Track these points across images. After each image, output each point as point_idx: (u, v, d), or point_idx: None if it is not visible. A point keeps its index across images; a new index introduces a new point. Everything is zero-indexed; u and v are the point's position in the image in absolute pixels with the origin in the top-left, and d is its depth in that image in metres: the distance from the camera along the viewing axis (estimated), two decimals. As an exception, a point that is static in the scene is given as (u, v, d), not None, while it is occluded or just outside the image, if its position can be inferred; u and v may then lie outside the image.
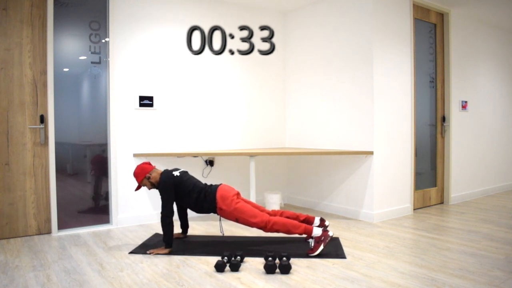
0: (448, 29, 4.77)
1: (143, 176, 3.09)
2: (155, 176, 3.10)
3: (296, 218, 3.19)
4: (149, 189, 3.15)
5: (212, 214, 4.34)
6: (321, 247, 2.84)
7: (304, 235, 3.20)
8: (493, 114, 5.55)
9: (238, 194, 3.08)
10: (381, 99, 3.95)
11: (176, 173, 3.08)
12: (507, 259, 2.76)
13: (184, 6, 4.22)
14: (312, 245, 2.88)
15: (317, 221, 3.24)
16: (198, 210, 3.07)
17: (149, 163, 3.17)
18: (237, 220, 2.98)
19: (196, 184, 3.08)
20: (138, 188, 3.15)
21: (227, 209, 2.96)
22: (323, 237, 2.86)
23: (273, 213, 3.14)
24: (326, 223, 3.25)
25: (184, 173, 3.14)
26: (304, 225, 2.90)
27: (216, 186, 3.07)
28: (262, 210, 3.13)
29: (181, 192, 3.04)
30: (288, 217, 3.17)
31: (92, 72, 3.77)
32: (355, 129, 4.08)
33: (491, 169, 5.52)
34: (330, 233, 2.86)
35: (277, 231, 2.91)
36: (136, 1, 3.93)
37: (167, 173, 3.04)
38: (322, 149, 4.33)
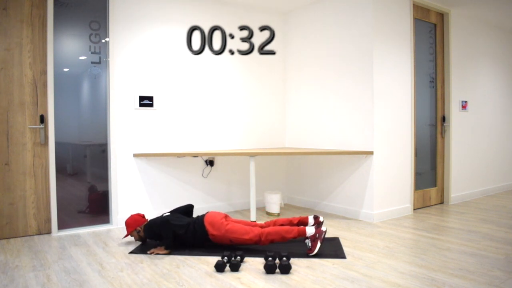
0: (448, 29, 4.77)
1: (133, 228, 3.20)
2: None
3: (289, 223, 3.19)
4: (136, 240, 3.26)
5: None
6: (319, 244, 2.85)
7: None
8: (493, 114, 5.55)
9: (226, 216, 3.11)
10: (381, 99, 3.95)
11: (165, 214, 3.18)
12: (507, 259, 2.76)
13: (184, 6, 4.22)
14: (310, 244, 2.88)
15: (311, 220, 3.23)
16: (194, 243, 3.09)
17: (142, 216, 3.26)
18: (231, 241, 2.98)
19: (183, 219, 3.10)
20: (126, 236, 3.22)
21: (219, 233, 2.97)
22: (317, 234, 2.87)
23: (266, 225, 3.16)
24: (321, 219, 3.23)
25: (172, 212, 3.24)
26: (296, 228, 2.91)
27: (203, 216, 3.09)
28: (254, 225, 3.14)
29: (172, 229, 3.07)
30: (281, 225, 3.16)
31: (92, 72, 3.77)
32: (355, 129, 4.08)
33: (491, 169, 5.52)
34: (324, 229, 2.87)
35: (273, 241, 2.91)
36: (136, 1, 3.93)
37: (153, 220, 3.12)
38: (322, 149, 4.33)
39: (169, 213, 3.20)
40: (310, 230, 2.89)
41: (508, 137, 5.84)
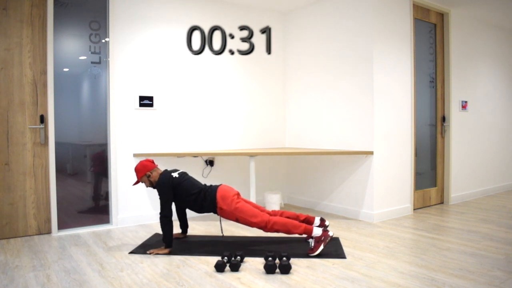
0: (448, 29, 4.77)
1: (143, 173, 3.10)
2: (155, 175, 3.11)
3: (296, 218, 3.19)
4: (147, 186, 3.16)
5: (212, 214, 4.35)
6: (321, 247, 2.84)
7: (304, 235, 3.20)
8: (493, 114, 5.55)
9: (238, 194, 3.09)
10: (381, 99, 3.95)
11: (175, 174, 3.08)
12: (507, 259, 2.76)
13: (184, 6, 4.22)
14: (312, 245, 2.88)
15: (317, 221, 3.24)
16: (198, 210, 3.08)
17: (152, 161, 3.17)
18: (237, 219, 2.98)
19: (196, 184, 3.09)
20: (136, 183, 3.16)
21: (228, 208, 2.97)
22: (323, 237, 2.86)
23: (273, 213, 3.15)
24: (326, 223, 3.25)
25: (183, 174, 3.15)
26: (304, 225, 2.90)
27: (216, 187, 3.08)
28: (262, 210, 3.14)
29: (180, 192, 3.04)
30: (288, 217, 3.17)
31: (92, 72, 3.77)
32: (355, 129, 4.08)
33: (491, 169, 5.52)
34: (330, 233, 2.86)
35: (277, 231, 2.91)
36: (136, 1, 3.93)
37: (165, 174, 3.05)
38: (322, 149, 4.33)
39: (177, 175, 3.10)
40: (317, 231, 2.88)
41: (508, 137, 5.84)
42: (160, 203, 2.97)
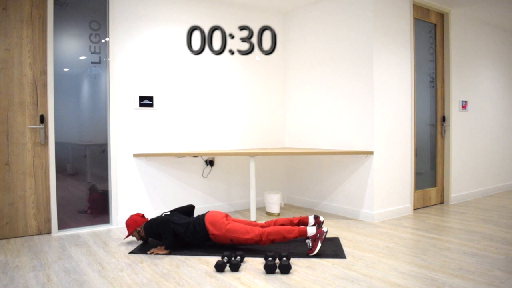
0: (448, 29, 4.77)
1: (133, 228, 3.21)
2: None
3: (290, 223, 3.19)
4: (138, 240, 3.29)
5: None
6: (319, 245, 2.84)
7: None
8: (493, 114, 5.55)
9: (226, 215, 3.11)
10: (381, 99, 3.95)
11: (164, 214, 3.21)
12: (507, 259, 2.76)
13: (184, 6, 4.22)
14: (310, 244, 2.88)
15: (311, 220, 3.23)
16: (194, 243, 3.09)
17: (142, 216, 3.27)
18: (232, 241, 2.98)
19: (182, 219, 3.11)
20: (127, 237, 3.28)
21: (219, 233, 2.97)
22: (318, 235, 2.87)
23: (266, 225, 3.15)
24: (321, 219, 3.23)
25: (172, 212, 3.25)
26: (297, 228, 2.91)
27: (203, 215, 3.09)
28: (255, 224, 3.14)
29: (173, 228, 3.08)
30: (282, 224, 3.16)
31: (92, 72, 3.77)
32: (355, 129, 4.08)
33: (491, 169, 5.52)
34: (325, 229, 2.87)
35: (273, 240, 2.91)
36: (136, 1, 3.93)
37: (152, 219, 3.14)
38: (322, 149, 4.33)
39: (169, 213, 3.20)
40: (311, 230, 2.89)
41: (508, 137, 5.84)
42: (165, 236, 3.00)
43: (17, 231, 3.46)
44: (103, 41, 3.81)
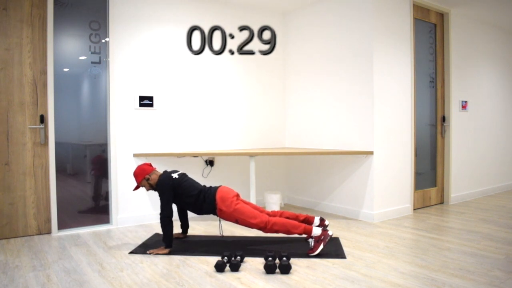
0: (448, 29, 4.77)
1: (142, 176, 3.11)
2: (154, 178, 3.12)
3: (295, 218, 3.19)
4: (147, 190, 3.16)
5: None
6: (321, 247, 2.84)
7: (304, 235, 3.20)
8: (493, 114, 5.55)
9: (237, 195, 3.09)
10: (381, 99, 3.95)
11: (174, 175, 3.09)
12: (507, 259, 2.76)
13: (184, 6, 4.22)
14: (312, 244, 2.88)
15: (316, 220, 3.24)
16: (197, 211, 3.08)
17: (149, 164, 3.18)
18: (237, 221, 2.98)
19: (195, 185, 3.09)
20: (136, 188, 3.16)
21: (227, 210, 2.97)
22: (322, 237, 2.86)
23: (273, 214, 3.15)
24: (326, 222, 3.25)
25: (183, 175, 3.15)
26: (303, 225, 2.90)
27: (216, 188, 3.08)
28: (262, 211, 3.14)
29: (180, 193, 3.05)
30: (287, 217, 3.17)
31: (92, 72, 3.77)
32: (355, 129, 4.08)
33: (491, 169, 5.52)
34: (330, 233, 2.87)
35: (277, 231, 2.91)
36: (136, 1, 3.93)
37: (165, 175, 3.05)
38: (322, 149, 4.33)
39: (177, 176, 3.10)
40: (316, 231, 2.89)
41: (508, 137, 5.84)
42: (161, 204, 2.97)
43: (17, 231, 3.46)
44: (103, 41, 3.81)
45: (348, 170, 4.18)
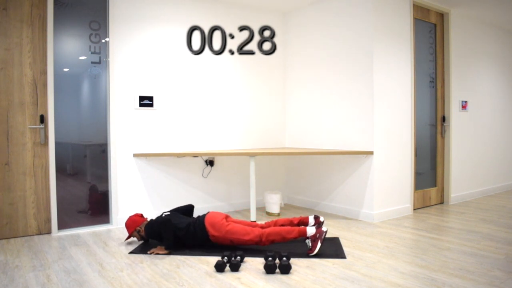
0: (448, 29, 4.77)
1: (133, 228, 3.20)
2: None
3: (290, 223, 3.19)
4: (139, 240, 3.26)
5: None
6: (319, 245, 2.84)
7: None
8: (493, 114, 5.55)
9: (226, 216, 3.11)
10: (381, 99, 3.95)
11: (164, 213, 3.21)
12: (507, 259, 2.76)
13: (184, 6, 4.22)
14: (310, 244, 2.88)
15: (311, 220, 3.23)
16: (193, 243, 3.09)
17: (141, 216, 3.27)
18: (231, 242, 2.98)
19: (183, 219, 3.12)
20: (128, 238, 3.25)
21: (219, 234, 2.98)
22: (318, 234, 2.87)
23: (266, 225, 3.16)
24: (321, 219, 3.23)
25: (172, 212, 3.24)
26: (297, 228, 2.91)
27: (203, 216, 3.09)
28: (255, 225, 3.14)
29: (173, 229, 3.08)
30: (282, 225, 3.17)
31: (92, 72, 3.77)
32: (355, 129, 4.08)
33: (491, 169, 5.52)
34: (324, 229, 2.87)
35: (273, 241, 2.91)
36: (136, 1, 3.93)
37: (153, 220, 3.12)
38: (322, 149, 4.33)
39: (169, 213, 3.20)
40: (310, 230, 2.89)
41: (508, 137, 5.84)
42: (166, 235, 2.97)
43: (17, 231, 3.46)
44: (103, 41, 3.81)
45: (348, 170, 4.18)
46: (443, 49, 4.82)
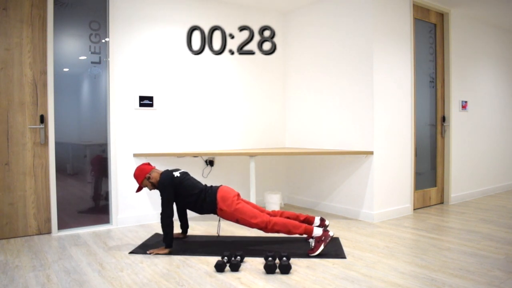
0: (448, 29, 4.77)
1: (143, 177, 3.10)
2: (155, 176, 3.10)
3: (296, 218, 3.19)
4: (150, 189, 3.16)
5: (212, 214, 4.34)
6: (322, 247, 2.84)
7: (305, 235, 3.20)
8: (493, 114, 5.55)
9: (238, 195, 3.09)
10: (381, 99, 3.95)
11: (176, 174, 3.08)
12: (507, 259, 2.76)
13: (184, 6, 4.22)
14: (313, 245, 2.88)
15: (317, 221, 3.24)
16: (198, 211, 3.08)
17: (148, 164, 3.18)
18: (237, 221, 2.98)
19: (196, 185, 3.09)
20: (138, 189, 3.16)
21: (228, 210, 2.97)
22: (323, 237, 2.86)
23: (274, 214, 3.15)
24: (326, 222, 3.25)
25: (185, 174, 3.15)
26: (304, 225, 2.90)
27: (217, 187, 3.08)
28: (262, 210, 3.14)
29: (181, 192, 3.04)
30: (288, 217, 3.17)
31: (92, 72, 3.77)
32: (355, 129, 4.08)
33: (491, 169, 5.52)
34: (331, 233, 2.87)
35: (278, 231, 2.92)
36: (136, 1, 3.93)
37: (167, 173, 3.04)
38: (322, 149, 4.33)
39: (179, 175, 3.09)
40: (317, 231, 2.89)
41: (508, 137, 5.84)
42: (162, 203, 2.97)
43: (17, 231, 3.46)
44: (103, 41, 3.81)
45: (348, 170, 4.18)
46: (443, 49, 4.82)
